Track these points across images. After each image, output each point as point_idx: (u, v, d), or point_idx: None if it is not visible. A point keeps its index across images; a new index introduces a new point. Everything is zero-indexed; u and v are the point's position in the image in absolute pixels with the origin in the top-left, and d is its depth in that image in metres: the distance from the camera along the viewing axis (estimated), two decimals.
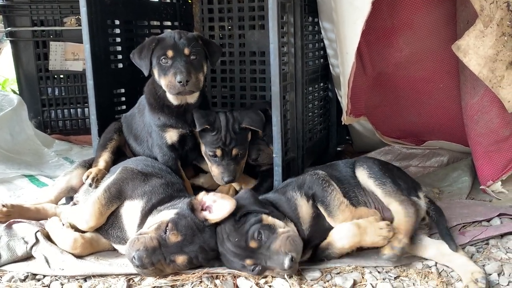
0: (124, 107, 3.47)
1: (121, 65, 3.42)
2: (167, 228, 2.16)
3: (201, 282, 2.15)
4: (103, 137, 3.08)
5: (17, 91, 4.96)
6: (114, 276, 2.24)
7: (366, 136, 3.89)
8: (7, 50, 5.42)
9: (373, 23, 3.02)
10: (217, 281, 2.15)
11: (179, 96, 2.86)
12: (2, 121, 3.94)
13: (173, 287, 2.12)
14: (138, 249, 2.10)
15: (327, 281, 2.18)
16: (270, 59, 2.71)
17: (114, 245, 2.45)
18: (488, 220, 2.66)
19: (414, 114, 3.55)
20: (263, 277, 2.17)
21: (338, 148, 4.10)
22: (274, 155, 2.80)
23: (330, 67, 3.58)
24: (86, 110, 4.86)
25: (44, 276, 2.25)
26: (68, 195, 2.97)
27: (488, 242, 2.46)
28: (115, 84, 3.39)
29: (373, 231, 2.24)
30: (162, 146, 2.92)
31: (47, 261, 2.29)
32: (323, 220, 2.35)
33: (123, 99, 3.47)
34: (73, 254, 2.33)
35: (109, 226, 2.43)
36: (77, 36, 4.45)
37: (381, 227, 2.24)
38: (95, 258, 2.36)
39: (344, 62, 2.98)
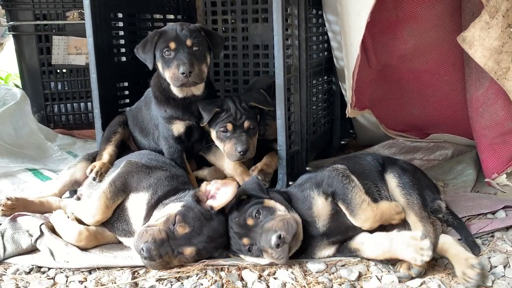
0: (128, 101, 3.47)
1: (124, 59, 3.42)
2: (175, 221, 2.16)
3: (206, 274, 2.15)
4: (107, 130, 3.08)
5: (20, 86, 4.96)
6: (119, 269, 2.24)
7: (370, 130, 3.88)
8: (10, 45, 5.40)
9: (378, 15, 3.01)
10: (222, 273, 2.15)
11: (184, 88, 2.86)
12: (6, 115, 3.94)
13: (178, 279, 2.12)
14: (147, 241, 2.10)
15: (332, 273, 2.17)
16: (274, 52, 2.70)
17: (120, 238, 2.46)
18: (493, 213, 2.65)
19: (419, 107, 3.54)
20: (267, 269, 2.18)
21: (342, 142, 4.09)
22: (279, 148, 2.80)
23: (334, 60, 3.56)
24: (89, 104, 4.85)
25: (49, 269, 2.26)
26: (72, 189, 2.97)
27: (494, 235, 2.45)
28: (119, 78, 3.39)
29: (405, 245, 2.10)
30: (169, 138, 2.92)
31: (52, 254, 2.30)
32: (344, 217, 2.28)
33: (127, 93, 3.47)
34: (78, 247, 2.34)
35: (115, 219, 2.43)
36: (80, 30, 4.47)
37: (413, 237, 2.11)
38: (100, 251, 2.37)
39: (349, 55, 2.96)
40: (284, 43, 2.70)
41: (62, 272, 2.22)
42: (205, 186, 2.34)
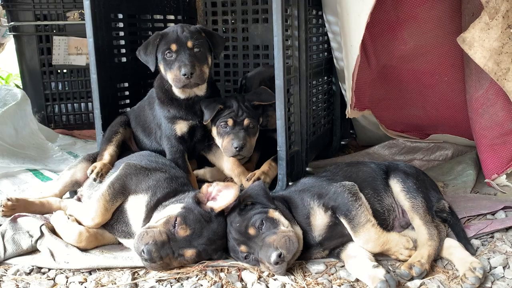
0: (128, 101, 3.48)
1: (125, 59, 3.42)
2: (176, 223, 2.17)
3: (206, 275, 2.15)
4: (109, 130, 3.09)
5: (21, 86, 4.96)
6: (119, 269, 2.25)
7: (370, 130, 3.88)
8: (11, 45, 5.41)
9: (378, 16, 3.01)
10: (222, 274, 2.16)
11: (186, 90, 2.88)
12: (6, 116, 3.94)
13: (178, 280, 2.13)
14: (147, 243, 2.11)
15: (332, 274, 2.18)
16: (274, 53, 2.71)
17: (120, 239, 2.46)
18: (493, 214, 2.65)
19: (419, 108, 3.54)
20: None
21: (342, 142, 4.09)
22: (278, 149, 2.80)
23: (334, 61, 3.56)
24: (90, 105, 4.86)
25: (49, 269, 2.26)
26: (73, 189, 2.98)
27: (493, 236, 2.45)
28: (119, 78, 3.39)
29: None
30: (171, 138, 2.93)
31: (52, 255, 2.30)
32: (342, 228, 2.26)
33: (127, 93, 3.48)
34: (78, 248, 2.34)
35: (114, 221, 2.43)
36: (81, 31, 4.47)
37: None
38: (100, 252, 2.37)
39: (349, 55, 2.96)
40: (284, 44, 2.71)
41: (62, 273, 2.23)
42: (207, 188, 2.34)
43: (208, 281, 2.11)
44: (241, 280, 2.14)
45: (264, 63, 3.91)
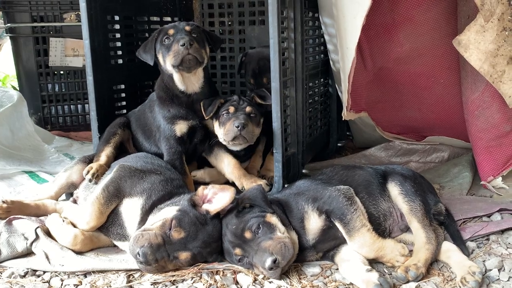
0: (124, 103, 3.47)
1: (121, 61, 3.42)
2: (171, 225, 2.16)
3: (201, 278, 2.15)
4: (107, 131, 3.08)
5: (17, 87, 4.95)
6: (114, 272, 2.24)
7: (367, 132, 3.88)
8: (7, 46, 5.41)
9: (374, 18, 3.01)
10: (217, 277, 2.15)
11: (185, 75, 2.88)
12: (2, 117, 3.93)
13: (173, 282, 2.12)
14: (143, 246, 2.10)
15: (327, 277, 2.18)
16: (270, 55, 2.70)
17: (115, 242, 2.45)
18: (489, 216, 2.66)
19: (415, 110, 3.54)
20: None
21: (339, 144, 4.09)
22: (274, 151, 2.80)
23: (331, 63, 3.57)
24: (86, 106, 4.85)
25: (44, 272, 2.25)
26: (69, 191, 2.96)
27: (489, 238, 2.46)
28: (115, 80, 3.38)
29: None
30: (170, 139, 2.94)
31: (47, 257, 2.29)
32: (335, 231, 2.26)
33: (123, 95, 3.47)
34: (73, 250, 2.33)
35: (109, 224, 2.43)
36: (77, 32, 4.41)
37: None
38: (95, 254, 2.36)
39: (345, 58, 2.97)
40: (280, 46, 2.71)
41: (57, 276, 2.22)
42: (202, 190, 2.33)
43: (203, 284, 2.10)
44: (236, 283, 2.13)
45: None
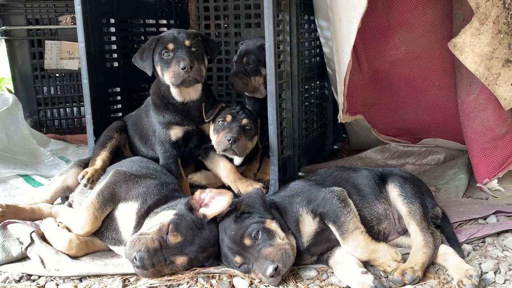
0: (120, 106, 3.46)
1: (117, 64, 3.40)
2: (168, 230, 2.15)
3: (197, 282, 2.14)
4: (104, 135, 3.06)
5: (13, 90, 4.93)
6: (110, 276, 2.23)
7: (363, 134, 3.88)
8: (2, 49, 5.37)
9: (369, 21, 3.01)
10: (213, 281, 2.14)
11: (183, 90, 2.87)
12: None
13: (169, 287, 2.12)
14: (140, 250, 2.09)
15: (323, 280, 2.17)
16: (266, 58, 2.70)
17: (110, 247, 2.44)
18: (485, 218, 2.66)
19: (410, 112, 3.55)
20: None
21: (335, 146, 4.09)
22: (270, 154, 2.80)
23: (326, 65, 3.57)
24: (82, 109, 4.84)
25: (39, 277, 2.24)
26: (64, 195, 2.95)
27: (485, 240, 2.46)
28: (111, 83, 3.37)
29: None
30: (165, 143, 2.92)
31: (42, 262, 2.28)
32: (328, 233, 2.26)
33: (119, 98, 3.46)
34: (69, 255, 2.32)
35: (105, 228, 2.42)
36: (73, 35, 4.42)
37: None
38: (91, 259, 2.35)
39: (340, 60, 2.97)
40: (276, 49, 2.71)
41: (53, 280, 2.21)
42: (199, 194, 2.32)
43: None
44: (233, 287, 2.13)
45: None
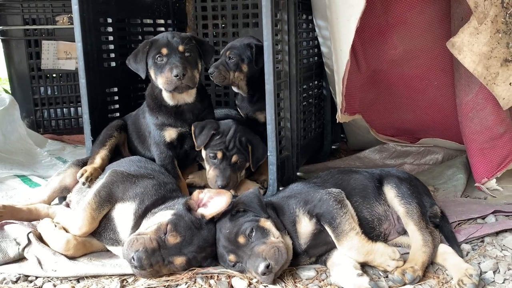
0: (117, 106, 3.45)
1: (114, 64, 3.39)
2: (167, 230, 2.14)
3: (195, 282, 2.13)
4: (104, 133, 3.06)
5: (9, 91, 4.92)
6: (107, 277, 2.22)
7: (361, 134, 3.88)
8: None
9: (367, 21, 3.01)
10: (212, 281, 2.13)
11: (176, 95, 2.86)
12: None
13: (167, 287, 2.10)
14: (138, 250, 2.08)
15: (322, 280, 2.17)
16: (264, 57, 2.70)
17: (108, 247, 2.43)
18: (483, 218, 2.66)
19: (409, 112, 3.55)
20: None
21: (333, 146, 4.09)
22: (269, 154, 2.79)
23: (325, 65, 3.56)
24: (79, 109, 4.82)
25: (37, 278, 2.22)
26: (61, 195, 2.94)
27: (483, 240, 2.46)
28: (108, 83, 3.36)
29: None
30: (160, 144, 2.92)
31: (40, 263, 2.26)
32: (326, 235, 2.25)
33: (116, 98, 3.45)
34: (66, 255, 2.31)
35: (102, 229, 2.40)
36: (70, 35, 4.42)
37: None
38: (88, 259, 2.34)
39: (338, 60, 2.96)
40: (274, 49, 2.70)
41: (50, 281, 2.19)
42: (198, 194, 2.31)
43: None
44: (231, 287, 2.12)
45: None
